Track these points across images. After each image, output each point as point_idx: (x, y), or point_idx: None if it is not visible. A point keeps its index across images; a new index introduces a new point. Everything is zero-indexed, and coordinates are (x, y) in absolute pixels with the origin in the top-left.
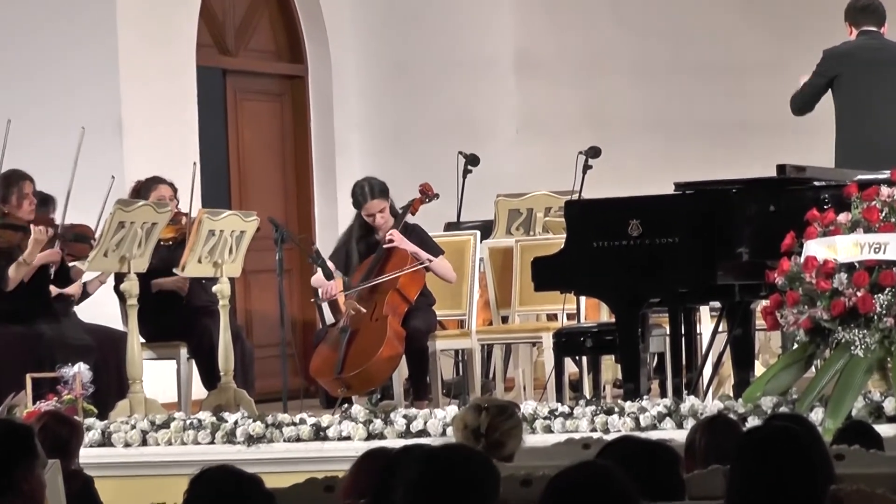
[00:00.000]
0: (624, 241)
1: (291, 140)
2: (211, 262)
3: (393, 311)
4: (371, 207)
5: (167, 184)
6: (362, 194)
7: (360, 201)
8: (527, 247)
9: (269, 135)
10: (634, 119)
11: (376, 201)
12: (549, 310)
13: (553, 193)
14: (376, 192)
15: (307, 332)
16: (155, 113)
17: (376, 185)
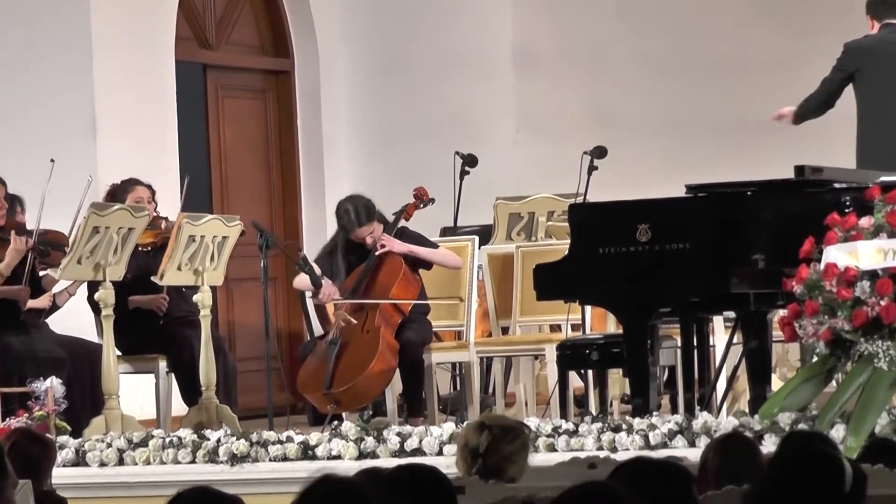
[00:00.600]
0: (632, 247)
1: (277, 140)
2: (191, 269)
3: (385, 321)
4: (359, 233)
5: (145, 185)
6: (348, 221)
7: (346, 227)
8: (528, 253)
9: (252, 134)
10: (642, 117)
11: (364, 228)
12: (552, 320)
13: (556, 196)
14: (363, 219)
15: (294, 344)
16: (131, 111)
17: (362, 210)
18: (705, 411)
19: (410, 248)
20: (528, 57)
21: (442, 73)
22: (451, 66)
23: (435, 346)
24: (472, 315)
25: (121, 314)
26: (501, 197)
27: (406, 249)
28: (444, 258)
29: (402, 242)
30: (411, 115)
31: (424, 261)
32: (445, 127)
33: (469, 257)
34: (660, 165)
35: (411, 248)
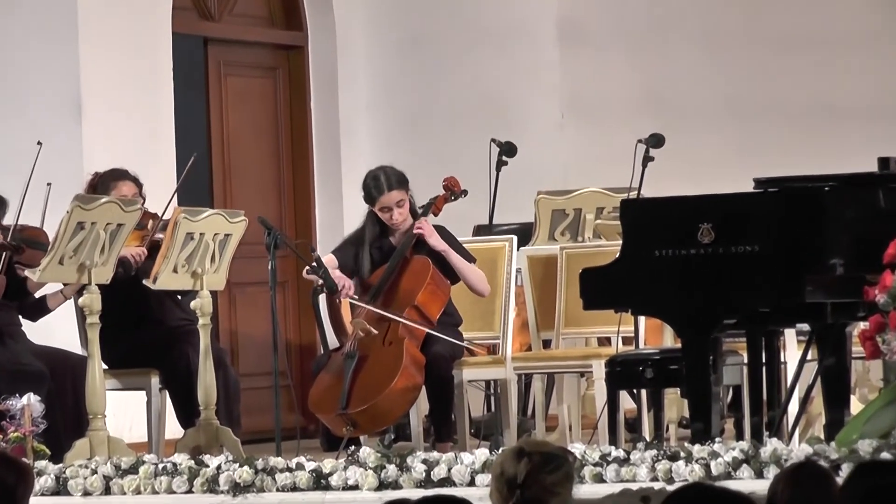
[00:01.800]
0: (692, 250)
1: (287, 124)
2: (189, 271)
3: (410, 332)
4: (387, 200)
5: (130, 179)
6: (376, 185)
7: (373, 194)
8: (574, 255)
9: (260, 117)
10: (705, 101)
11: (394, 193)
12: (600, 332)
13: (606, 191)
14: (393, 183)
15: (305, 357)
16: (121, 91)
17: (393, 174)
18: (775, 437)
19: (445, 248)
20: (574, 30)
21: (476, 48)
22: (487, 41)
23: (466, 360)
24: (509, 326)
25: (108, 322)
26: (543, 191)
27: (441, 248)
28: (475, 278)
29: (440, 237)
30: (441, 98)
31: (453, 271)
32: (480, 111)
33: (506, 260)
34: (725, 156)
35: (446, 249)
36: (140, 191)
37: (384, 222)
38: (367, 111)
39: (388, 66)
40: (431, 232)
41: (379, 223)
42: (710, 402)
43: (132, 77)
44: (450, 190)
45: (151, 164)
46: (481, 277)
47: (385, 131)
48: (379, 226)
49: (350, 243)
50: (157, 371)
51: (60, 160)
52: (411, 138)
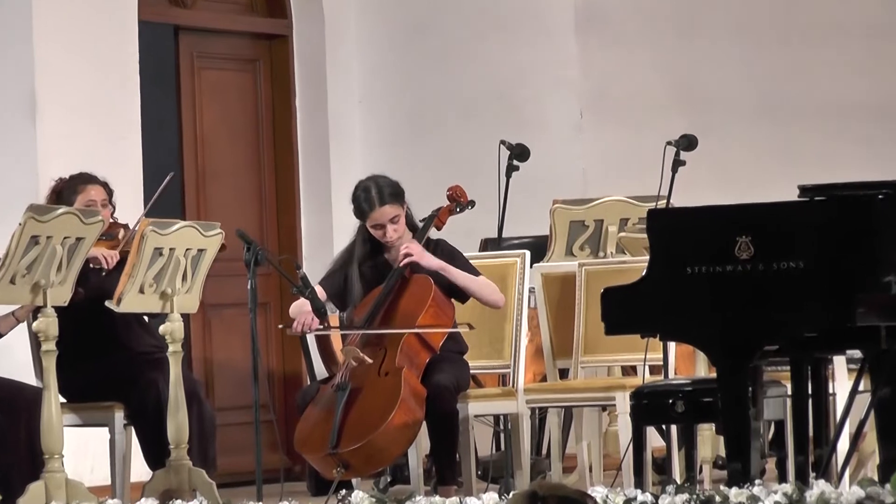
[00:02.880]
0: (729, 266)
1: (269, 123)
2: (157, 292)
3: (410, 361)
4: (379, 216)
5: (99, 184)
6: (366, 199)
7: (363, 209)
8: (595, 273)
9: (238, 116)
10: (742, 97)
11: (387, 208)
12: (624, 361)
13: (631, 199)
14: (386, 196)
15: (290, 389)
16: (80, 87)
17: (386, 186)
18: (822, 479)
19: (442, 265)
20: (595, 19)
21: (484, 38)
22: (497, 30)
23: (473, 393)
24: (522, 353)
25: (66, 349)
26: (560, 200)
27: (436, 266)
28: (483, 290)
29: (432, 256)
30: (444, 94)
31: (458, 288)
32: (488, 109)
33: (517, 278)
34: (765, 160)
35: (443, 266)
36: (110, 198)
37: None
38: (360, 109)
39: (385, 57)
40: (422, 253)
41: (372, 238)
42: (750, 440)
43: (93, 71)
44: (454, 200)
45: (115, 170)
46: (491, 287)
47: (381, 132)
48: (371, 242)
49: (339, 268)
50: (122, 405)
51: (12, 165)
52: (411, 141)
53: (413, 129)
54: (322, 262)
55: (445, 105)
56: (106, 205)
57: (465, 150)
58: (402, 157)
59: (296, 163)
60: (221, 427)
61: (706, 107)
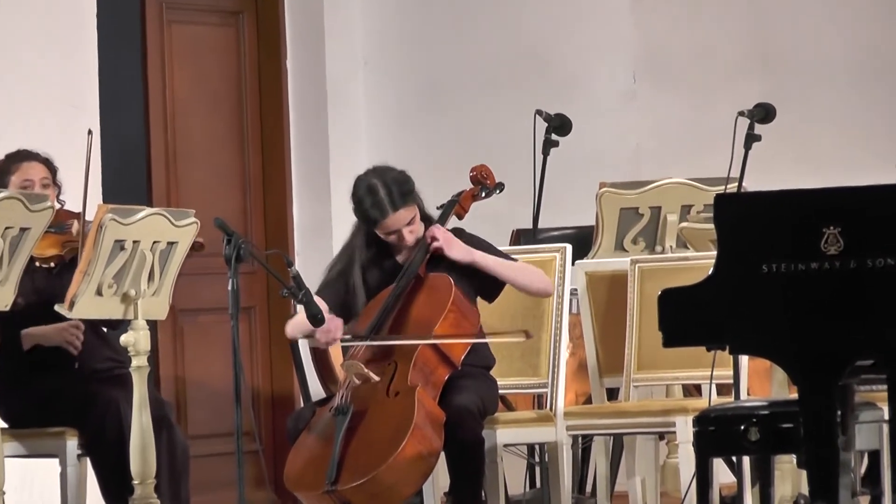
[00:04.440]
0: (814, 264)
1: (254, 90)
2: (118, 294)
3: (425, 378)
4: (394, 224)
5: (40, 161)
6: (376, 204)
7: (372, 216)
8: (650, 272)
9: (216, 81)
10: (831, 59)
11: (401, 213)
12: (687, 379)
13: (694, 182)
14: (397, 198)
15: (279, 413)
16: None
17: (394, 185)
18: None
19: (476, 256)
20: None
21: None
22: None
23: (502, 417)
24: (562, 369)
25: (9, 366)
26: (608, 183)
27: (469, 258)
28: (527, 276)
29: (463, 244)
30: (469, 55)
31: (491, 281)
32: (520, 72)
33: (556, 277)
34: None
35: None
36: (53, 177)
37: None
38: (364, 71)
39: (396, 10)
40: (451, 241)
41: (377, 240)
42: (838, 474)
43: (42, 31)
44: (479, 183)
45: (69, 147)
46: (536, 274)
47: (390, 101)
48: (377, 244)
49: (338, 274)
50: (75, 431)
51: None
52: (427, 111)
53: (429, 96)
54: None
55: (469, 68)
56: (48, 185)
57: (493, 123)
58: (416, 131)
59: (286, 138)
60: (196, 459)
61: (786, 70)
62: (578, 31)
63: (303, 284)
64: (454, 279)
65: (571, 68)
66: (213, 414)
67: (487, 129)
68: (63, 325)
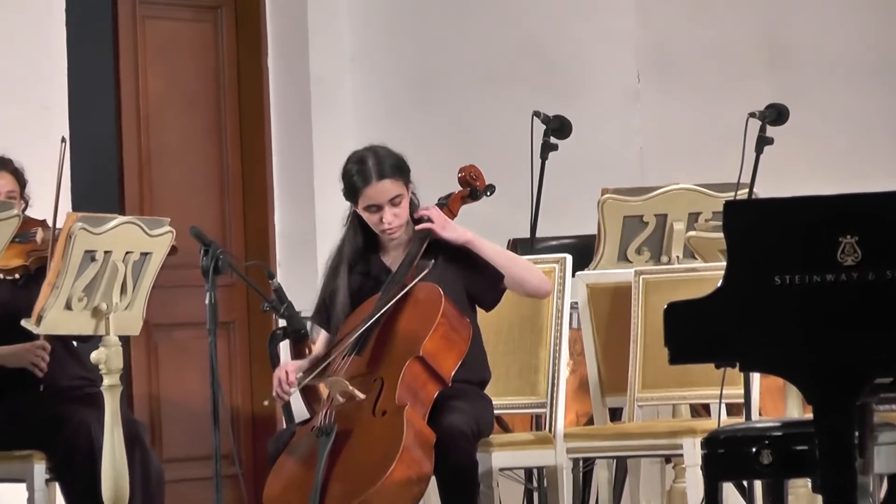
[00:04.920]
0: (829, 275)
1: (233, 89)
2: (88, 308)
3: (414, 396)
4: (376, 194)
5: (8, 171)
6: (361, 172)
7: (355, 184)
8: (655, 284)
9: (192, 79)
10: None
11: (387, 183)
12: (695, 398)
13: (702, 188)
14: (386, 169)
15: (260, 434)
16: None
17: (386, 157)
18: None
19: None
20: None
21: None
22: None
23: (497, 439)
24: (561, 388)
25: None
26: (611, 189)
27: (464, 239)
28: (524, 269)
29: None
30: (460, 50)
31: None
32: (517, 70)
33: (555, 290)
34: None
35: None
36: (22, 191)
37: (370, 230)
38: (351, 68)
39: (386, 4)
40: (444, 221)
41: (364, 232)
42: (856, 499)
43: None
44: (468, 184)
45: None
46: (535, 269)
47: (379, 101)
48: (364, 232)
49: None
50: (43, 454)
51: None
52: (419, 112)
53: (421, 96)
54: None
55: (463, 65)
56: (16, 197)
57: (488, 125)
58: (407, 133)
59: (268, 140)
60: (171, 483)
61: (800, 68)
62: (579, 26)
63: (285, 298)
64: (445, 288)
65: (571, 66)
66: (189, 436)
67: (482, 131)
68: (28, 346)
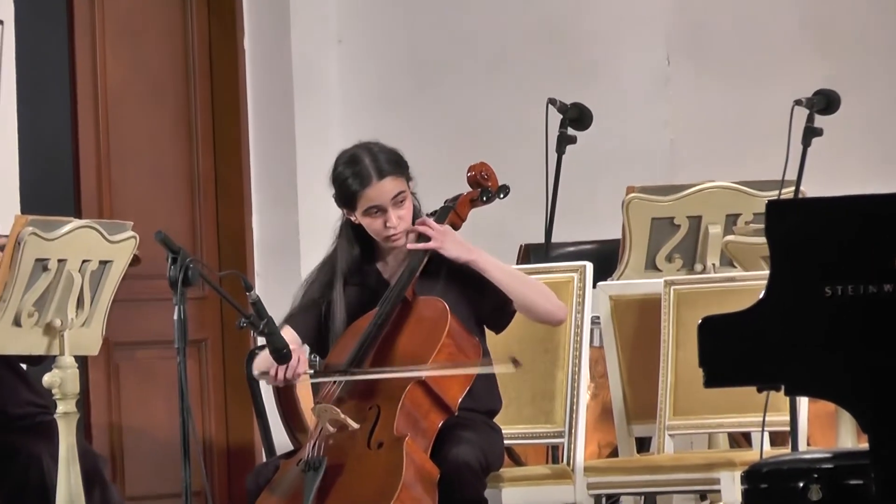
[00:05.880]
0: (887, 285)
1: (205, 75)
2: (40, 324)
3: (415, 425)
4: (377, 195)
5: None
6: (357, 173)
7: (351, 187)
8: (689, 296)
9: (158, 64)
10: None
11: (387, 182)
12: (734, 426)
13: (741, 186)
14: (384, 166)
15: (236, 468)
16: None
17: (382, 153)
18: None
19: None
20: None
21: None
22: None
23: (508, 473)
24: (581, 415)
25: None
26: (637, 187)
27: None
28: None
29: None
30: (463, 29)
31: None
32: (529, 49)
33: (574, 303)
34: None
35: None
36: None
37: (369, 238)
38: (339, 54)
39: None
40: (444, 234)
41: (359, 241)
42: None
43: None
44: (479, 185)
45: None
46: (548, 292)
47: (371, 88)
48: (360, 245)
49: (311, 302)
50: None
51: None
52: (416, 100)
53: (419, 82)
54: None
55: (467, 46)
56: None
57: (496, 115)
58: (403, 124)
59: (244, 133)
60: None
61: (853, 50)
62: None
63: (264, 313)
64: (451, 304)
65: (592, 47)
66: (155, 470)
67: (489, 121)
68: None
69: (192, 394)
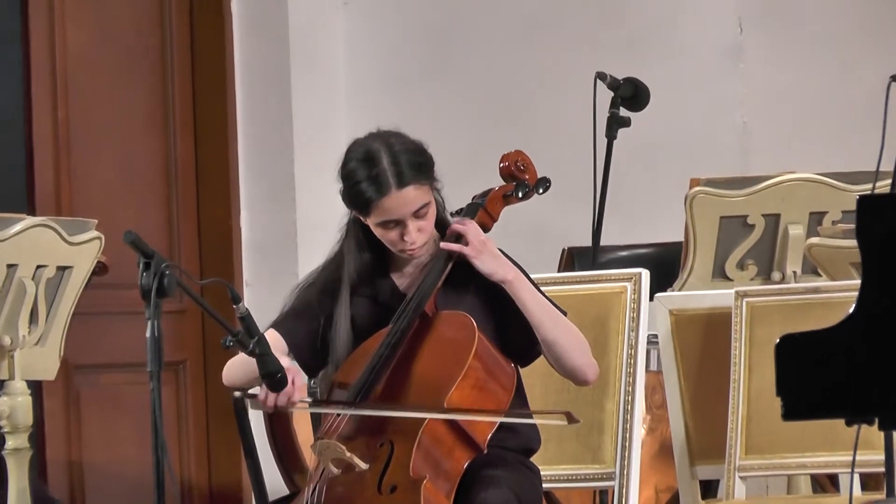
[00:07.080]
0: None
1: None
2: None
3: (435, 466)
4: (397, 206)
5: None
6: (375, 177)
7: (365, 194)
8: (765, 310)
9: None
10: None
11: (410, 191)
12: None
13: (828, 179)
14: (406, 171)
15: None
16: None
17: (404, 154)
18: None
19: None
20: None
21: None
22: None
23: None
24: (635, 453)
25: None
26: (703, 180)
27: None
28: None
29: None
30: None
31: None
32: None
33: (626, 319)
34: None
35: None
36: None
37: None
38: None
39: None
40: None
41: (370, 245)
42: None
43: None
44: (514, 178)
45: None
46: (582, 345)
47: (381, 59)
48: (371, 250)
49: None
50: None
51: None
52: (434, 73)
53: (437, 52)
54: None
55: (495, 10)
56: None
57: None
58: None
59: (231, 115)
60: None
61: None
62: None
63: (255, 329)
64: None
65: (649, 13)
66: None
67: (523, 100)
68: None
69: (168, 426)
